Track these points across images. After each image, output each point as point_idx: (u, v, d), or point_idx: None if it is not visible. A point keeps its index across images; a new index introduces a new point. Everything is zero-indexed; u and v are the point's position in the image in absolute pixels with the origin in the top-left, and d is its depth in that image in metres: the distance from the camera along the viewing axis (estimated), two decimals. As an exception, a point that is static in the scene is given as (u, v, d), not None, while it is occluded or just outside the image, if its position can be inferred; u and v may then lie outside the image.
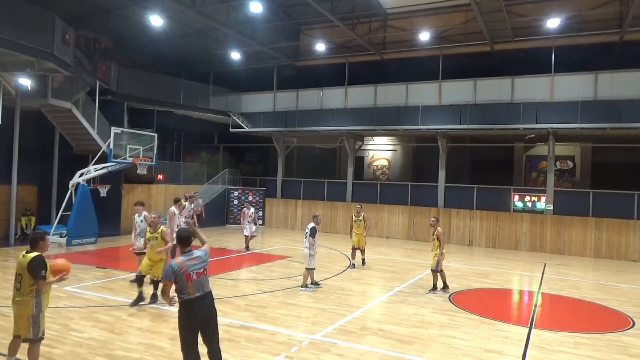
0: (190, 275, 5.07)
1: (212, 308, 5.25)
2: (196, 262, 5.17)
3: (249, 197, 24.23)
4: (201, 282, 5.13)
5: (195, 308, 5.08)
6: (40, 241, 5.96)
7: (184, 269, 5.07)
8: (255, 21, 20.49)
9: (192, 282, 5.07)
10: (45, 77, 15.50)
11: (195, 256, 5.21)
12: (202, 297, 5.12)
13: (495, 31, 18.56)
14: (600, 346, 7.52)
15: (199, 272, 5.14)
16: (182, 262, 5.12)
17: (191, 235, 5.40)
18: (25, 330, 5.48)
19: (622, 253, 17.63)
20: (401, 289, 11.20)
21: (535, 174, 23.29)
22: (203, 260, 5.25)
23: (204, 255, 5.31)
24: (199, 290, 5.11)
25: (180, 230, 5.47)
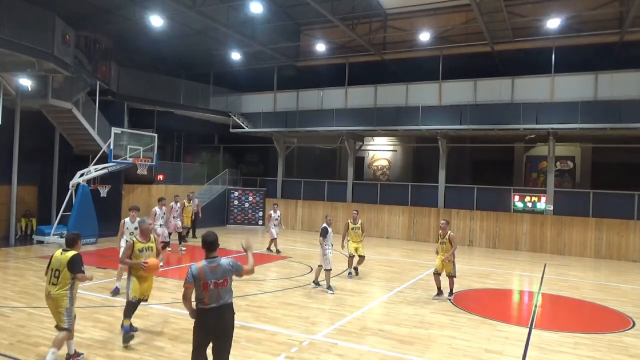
0: (207, 284, 4.73)
1: (227, 321, 4.83)
2: (216, 270, 4.79)
3: (248, 197, 24.22)
4: (218, 293, 4.76)
5: (208, 318, 4.76)
6: (78, 240, 6.28)
7: (201, 275, 4.74)
8: (255, 21, 20.49)
9: (208, 291, 4.73)
10: (45, 77, 15.49)
11: (216, 264, 4.82)
12: (217, 308, 4.76)
13: (495, 31, 18.58)
14: (600, 346, 7.52)
15: (217, 281, 4.75)
16: (202, 267, 4.78)
17: (216, 240, 4.96)
18: (62, 322, 6.05)
19: (622, 253, 17.63)
20: (401, 289, 11.21)
21: (535, 174, 23.29)
22: (224, 270, 4.82)
23: (227, 264, 4.86)
24: (215, 300, 4.76)
25: (206, 233, 5.00)
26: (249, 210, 24.19)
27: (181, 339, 7.06)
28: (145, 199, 21.55)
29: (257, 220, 24.13)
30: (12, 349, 6.41)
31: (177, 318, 8.11)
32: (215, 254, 4.90)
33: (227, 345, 4.89)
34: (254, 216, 24.17)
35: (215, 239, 4.94)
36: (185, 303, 4.88)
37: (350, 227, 12.42)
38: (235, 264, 4.93)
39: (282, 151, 24.88)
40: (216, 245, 4.95)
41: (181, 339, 7.06)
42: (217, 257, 4.89)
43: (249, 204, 24.19)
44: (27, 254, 13.91)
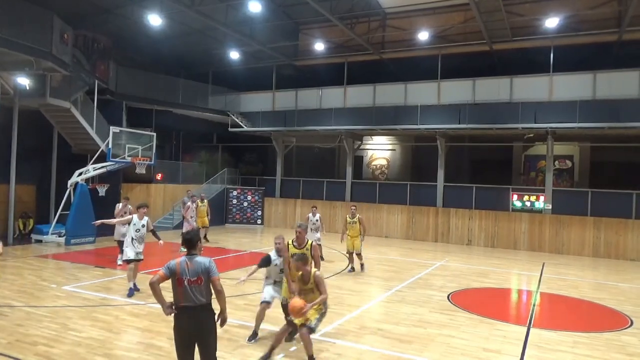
0: (182, 280, 4.53)
1: (203, 323, 4.59)
2: (192, 267, 4.57)
3: (247, 196, 24.21)
4: (192, 291, 4.53)
5: (181, 319, 4.59)
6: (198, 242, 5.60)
7: (177, 270, 4.57)
8: (254, 20, 20.47)
9: (182, 288, 4.54)
10: (43, 76, 15.46)
11: (193, 261, 4.61)
12: (190, 308, 4.53)
13: (494, 30, 18.59)
14: (599, 345, 7.53)
15: (191, 279, 4.52)
16: (179, 262, 4.62)
17: (194, 237, 4.78)
18: None
19: (620, 252, 17.66)
20: (399, 288, 11.21)
21: (534, 173, 23.32)
22: (202, 268, 4.57)
23: (202, 262, 4.61)
24: (188, 299, 4.53)
25: (186, 231, 4.97)
26: (248, 209, 24.18)
27: (180, 338, 7.05)
28: (144, 198, 21.50)
29: (255, 219, 24.12)
30: (10, 348, 6.40)
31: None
32: (195, 252, 4.71)
33: (205, 346, 4.64)
34: (252, 215, 24.16)
35: (193, 236, 4.80)
36: (152, 288, 4.58)
37: (348, 221, 12.89)
38: (211, 266, 4.61)
39: (281, 150, 24.87)
40: (194, 243, 4.74)
41: (180, 338, 7.05)
42: (196, 254, 4.70)
43: (247, 203, 24.18)
44: (25, 253, 13.89)
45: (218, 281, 4.60)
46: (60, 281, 10.47)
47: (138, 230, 9.62)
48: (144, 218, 9.69)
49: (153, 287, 4.58)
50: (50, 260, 13.12)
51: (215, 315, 4.68)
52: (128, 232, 9.68)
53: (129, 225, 9.68)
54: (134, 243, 9.62)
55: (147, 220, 9.76)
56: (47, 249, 14.98)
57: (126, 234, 9.88)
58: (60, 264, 12.59)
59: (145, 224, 9.70)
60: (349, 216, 13.01)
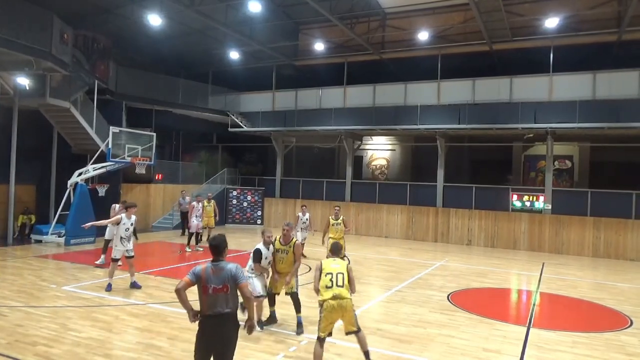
0: (207, 288, 4.38)
1: (226, 333, 4.42)
2: (218, 274, 4.42)
3: (247, 196, 24.21)
4: (217, 300, 4.37)
5: (205, 327, 4.43)
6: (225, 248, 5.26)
7: (202, 276, 4.42)
8: (253, 20, 20.48)
9: (207, 296, 4.39)
10: (43, 76, 15.46)
11: (219, 267, 4.47)
12: (214, 317, 4.38)
13: (494, 30, 18.58)
14: (598, 345, 7.54)
15: (216, 287, 4.37)
16: (205, 268, 4.46)
17: (222, 243, 4.63)
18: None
19: (619, 252, 17.66)
20: (399, 288, 11.21)
21: (534, 173, 23.32)
22: (228, 275, 4.42)
23: (230, 269, 4.46)
24: (212, 308, 4.38)
25: (213, 236, 4.76)
26: (248, 209, 24.18)
27: (180, 338, 7.06)
28: (144, 199, 21.54)
29: (255, 219, 24.12)
30: (10, 348, 6.40)
31: (176, 317, 8.10)
32: (222, 258, 4.58)
33: (224, 357, 4.48)
34: (252, 215, 24.16)
35: (220, 243, 4.63)
36: (178, 296, 4.42)
37: (332, 222, 12.37)
38: (237, 272, 4.47)
39: (280, 150, 24.87)
40: (221, 249, 4.62)
41: (180, 338, 7.06)
42: (223, 261, 4.56)
43: (247, 204, 24.17)
44: (25, 254, 13.88)
45: (246, 287, 4.51)
46: (59, 281, 10.47)
47: (127, 230, 9.92)
48: (132, 217, 9.99)
49: (179, 294, 4.42)
50: (50, 261, 13.11)
51: (237, 327, 4.54)
52: (117, 232, 9.91)
53: (118, 225, 9.89)
54: (123, 242, 9.88)
55: (135, 219, 10.10)
56: (46, 249, 14.97)
57: None
58: (60, 264, 12.59)
59: (133, 223, 10.04)
60: (332, 217, 12.45)
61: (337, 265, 6.07)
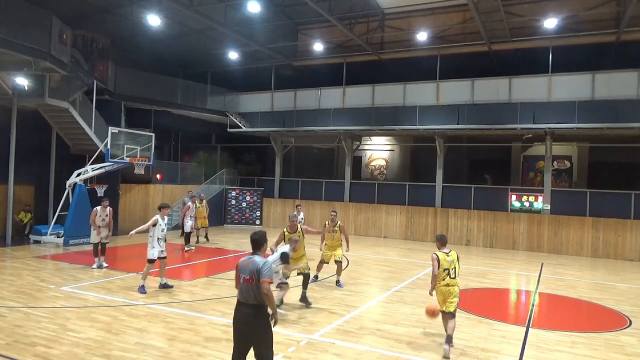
0: (239, 278, 4.87)
1: (249, 321, 4.74)
2: (248, 266, 4.81)
3: (246, 196, 24.20)
4: (244, 290, 4.79)
5: (237, 311, 4.90)
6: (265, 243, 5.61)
7: (238, 267, 4.93)
8: (252, 21, 20.45)
9: (240, 285, 4.87)
10: (42, 77, 15.43)
11: (252, 260, 4.86)
12: (243, 304, 4.81)
13: (493, 31, 18.60)
14: (597, 345, 7.54)
15: (245, 277, 4.78)
16: (241, 261, 4.96)
17: (260, 238, 4.99)
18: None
19: (618, 252, 17.68)
20: (398, 288, 11.22)
21: (533, 174, 23.33)
22: (255, 268, 4.76)
23: (260, 264, 4.78)
24: (242, 296, 4.83)
25: (254, 232, 5.11)
26: (247, 209, 24.17)
27: (178, 338, 7.05)
28: (143, 199, 21.52)
29: (254, 220, 24.11)
30: (9, 349, 6.39)
31: (175, 318, 8.10)
32: (259, 252, 4.97)
33: (260, 348, 4.78)
34: (251, 216, 24.15)
35: (260, 237, 5.01)
36: None
37: (327, 228, 11.09)
38: (263, 267, 4.77)
39: (279, 151, 24.86)
40: (260, 244, 4.99)
41: (178, 338, 7.05)
42: (258, 255, 4.94)
43: (246, 204, 24.17)
44: (23, 254, 13.86)
45: (265, 284, 4.74)
46: (58, 282, 10.46)
47: (163, 230, 10.09)
48: (165, 218, 10.21)
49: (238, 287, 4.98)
50: (49, 261, 13.09)
51: (263, 317, 4.81)
52: (154, 233, 9.94)
53: (155, 227, 9.96)
54: (160, 243, 9.99)
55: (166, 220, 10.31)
56: (45, 249, 14.95)
57: None
58: (58, 265, 12.57)
59: (166, 223, 10.35)
60: (328, 222, 11.14)
61: (452, 260, 7.26)
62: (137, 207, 21.22)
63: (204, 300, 9.34)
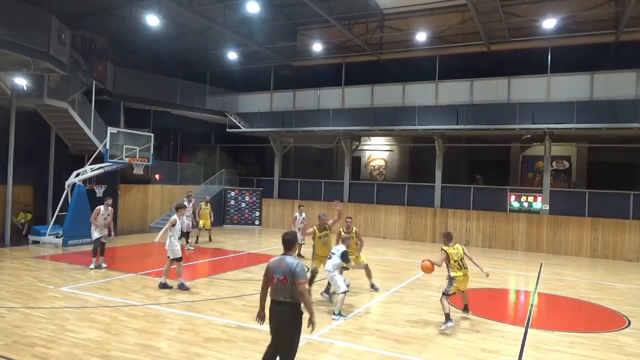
0: (273, 277, 5.05)
1: (283, 317, 5.00)
2: (280, 267, 5.03)
3: (245, 196, 24.19)
4: (279, 289, 5.02)
5: (271, 310, 5.11)
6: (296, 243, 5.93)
7: (270, 268, 5.11)
8: (251, 21, 20.46)
9: (273, 284, 5.06)
10: (41, 77, 15.42)
11: (283, 261, 5.07)
12: (277, 303, 5.04)
13: (492, 31, 18.61)
14: (596, 345, 7.55)
15: (279, 277, 5.00)
16: (273, 262, 5.15)
17: (292, 239, 5.27)
18: None
19: (617, 252, 17.70)
20: (398, 288, 11.22)
21: (532, 174, 23.36)
22: (289, 269, 4.96)
23: (290, 264, 4.99)
24: (276, 295, 5.05)
25: (285, 232, 5.37)
26: (246, 210, 24.17)
27: (178, 339, 7.05)
28: (142, 199, 21.52)
29: (253, 220, 24.11)
30: (7, 349, 6.38)
31: (174, 318, 8.10)
32: (290, 253, 5.20)
33: (283, 342, 5.04)
34: (250, 216, 24.15)
35: (291, 238, 5.27)
36: (260, 291, 5.31)
37: (342, 236, 10.32)
38: (297, 269, 4.95)
39: (278, 151, 24.86)
40: (292, 244, 5.24)
41: (178, 339, 7.05)
42: (289, 256, 5.15)
43: (245, 204, 24.16)
44: (22, 254, 13.85)
45: (301, 285, 4.95)
46: (57, 282, 10.45)
47: (180, 230, 10.46)
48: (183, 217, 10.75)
49: (261, 290, 5.29)
50: (48, 262, 13.08)
51: (296, 314, 5.04)
52: (173, 233, 10.16)
53: (173, 227, 10.17)
54: (176, 242, 10.22)
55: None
56: (44, 250, 14.93)
57: None
58: (57, 265, 12.55)
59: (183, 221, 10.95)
60: (343, 229, 10.62)
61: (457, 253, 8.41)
62: (136, 208, 21.22)
63: (203, 301, 9.33)
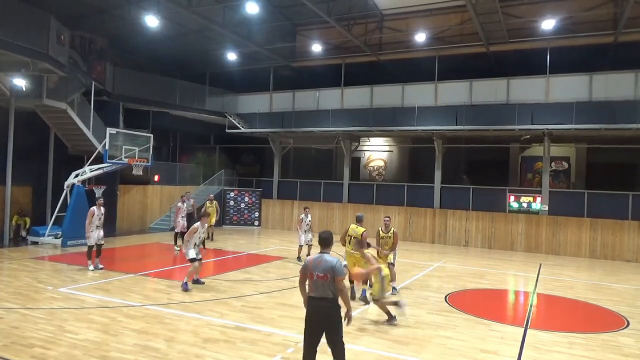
0: (312, 275, 5.26)
1: (325, 312, 5.21)
2: (320, 264, 5.25)
3: (244, 197, 24.18)
4: (319, 285, 5.22)
5: (311, 306, 5.28)
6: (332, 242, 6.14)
7: (309, 266, 5.32)
8: (251, 21, 20.45)
9: (312, 281, 5.27)
10: (40, 77, 15.41)
11: (321, 259, 5.30)
12: (318, 299, 5.22)
13: (491, 32, 18.62)
14: (595, 346, 7.56)
15: (319, 274, 5.22)
16: (312, 259, 5.38)
17: (330, 237, 5.53)
18: None
19: (616, 253, 17.71)
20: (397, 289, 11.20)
21: (531, 175, 23.37)
22: (329, 267, 5.21)
23: (330, 262, 5.26)
24: (316, 291, 5.24)
25: (322, 231, 5.64)
26: (245, 210, 24.16)
27: (177, 339, 7.05)
28: (141, 200, 21.52)
29: (252, 220, 24.11)
30: (6, 350, 6.38)
31: (173, 319, 8.09)
32: (327, 251, 5.43)
33: (334, 335, 5.24)
34: (250, 217, 24.14)
35: (328, 237, 5.53)
36: (299, 287, 5.53)
37: (381, 235, 10.75)
38: (337, 266, 5.24)
39: (278, 152, 24.86)
40: (329, 242, 5.50)
41: (177, 339, 7.05)
42: (327, 254, 5.39)
43: (244, 205, 24.16)
44: (21, 255, 13.83)
45: (341, 282, 5.26)
46: (56, 283, 10.44)
47: (200, 237, 10.89)
48: (205, 225, 10.99)
49: (300, 286, 5.51)
50: (47, 262, 13.07)
51: (337, 308, 5.24)
52: (191, 239, 10.51)
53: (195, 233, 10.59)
54: (195, 248, 10.57)
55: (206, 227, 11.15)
56: (43, 250, 14.92)
57: None
58: (56, 266, 12.54)
59: (204, 231, 11.18)
60: (382, 230, 10.85)
61: None
62: (135, 208, 21.22)
63: (202, 302, 9.33)
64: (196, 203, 17.54)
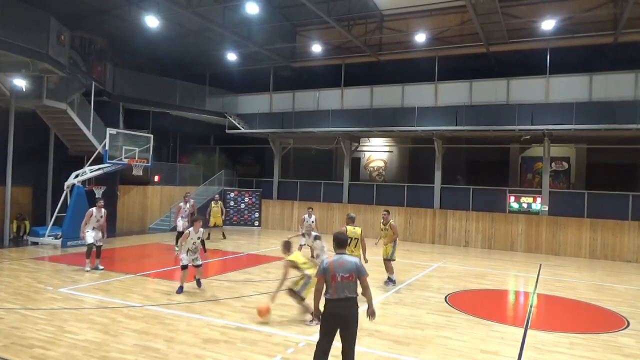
0: (335, 277, 5.29)
1: (350, 312, 5.32)
2: (343, 265, 5.34)
3: (244, 197, 24.18)
4: (343, 286, 5.28)
5: (334, 308, 5.28)
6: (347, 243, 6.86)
7: (331, 268, 5.33)
8: (251, 22, 20.46)
9: (336, 283, 5.28)
10: (40, 78, 15.41)
11: (343, 260, 5.39)
12: (342, 300, 5.28)
13: (491, 32, 18.64)
14: (595, 346, 7.55)
15: (344, 275, 5.30)
16: (332, 262, 5.39)
17: (346, 238, 5.70)
18: None
19: (616, 253, 17.71)
20: (397, 289, 11.22)
21: (531, 175, 23.37)
22: (353, 267, 5.36)
23: (352, 262, 5.42)
24: (341, 292, 5.28)
25: (337, 232, 5.75)
26: (245, 211, 24.15)
27: (176, 340, 7.04)
28: (141, 200, 21.51)
29: (252, 221, 24.10)
30: (6, 350, 6.37)
31: (173, 319, 8.08)
32: (344, 251, 5.57)
33: (351, 334, 5.33)
34: (250, 217, 24.13)
35: (345, 237, 5.74)
36: (315, 294, 5.55)
37: (380, 228, 12.48)
38: (360, 266, 5.47)
39: (278, 152, 24.86)
40: (345, 243, 5.73)
41: (176, 340, 7.04)
42: (345, 254, 5.53)
43: (244, 205, 24.15)
44: (21, 255, 13.83)
45: (366, 280, 5.47)
46: (56, 283, 10.44)
47: (194, 243, 10.25)
48: (199, 230, 10.29)
49: (317, 292, 5.54)
50: (47, 263, 13.06)
51: (358, 308, 5.39)
52: (184, 245, 10.16)
53: (187, 240, 10.15)
54: (189, 254, 10.17)
55: (201, 232, 10.36)
56: (43, 251, 14.92)
57: None
58: (56, 266, 12.54)
59: (200, 236, 10.39)
60: (381, 223, 12.43)
61: None
62: (135, 209, 21.22)
63: (202, 302, 9.32)
64: (196, 204, 17.52)
